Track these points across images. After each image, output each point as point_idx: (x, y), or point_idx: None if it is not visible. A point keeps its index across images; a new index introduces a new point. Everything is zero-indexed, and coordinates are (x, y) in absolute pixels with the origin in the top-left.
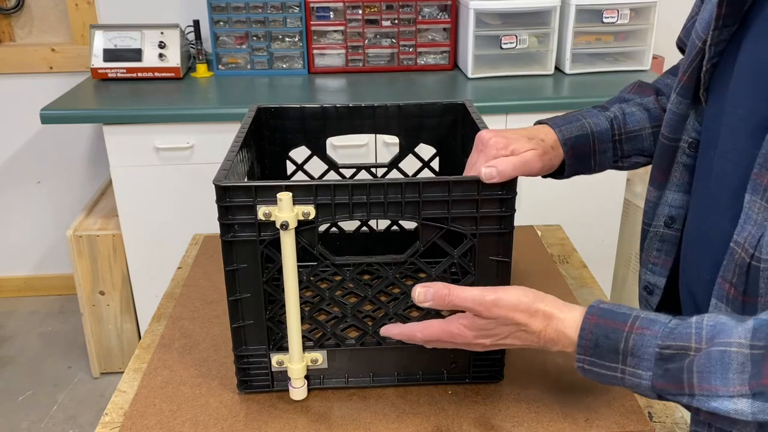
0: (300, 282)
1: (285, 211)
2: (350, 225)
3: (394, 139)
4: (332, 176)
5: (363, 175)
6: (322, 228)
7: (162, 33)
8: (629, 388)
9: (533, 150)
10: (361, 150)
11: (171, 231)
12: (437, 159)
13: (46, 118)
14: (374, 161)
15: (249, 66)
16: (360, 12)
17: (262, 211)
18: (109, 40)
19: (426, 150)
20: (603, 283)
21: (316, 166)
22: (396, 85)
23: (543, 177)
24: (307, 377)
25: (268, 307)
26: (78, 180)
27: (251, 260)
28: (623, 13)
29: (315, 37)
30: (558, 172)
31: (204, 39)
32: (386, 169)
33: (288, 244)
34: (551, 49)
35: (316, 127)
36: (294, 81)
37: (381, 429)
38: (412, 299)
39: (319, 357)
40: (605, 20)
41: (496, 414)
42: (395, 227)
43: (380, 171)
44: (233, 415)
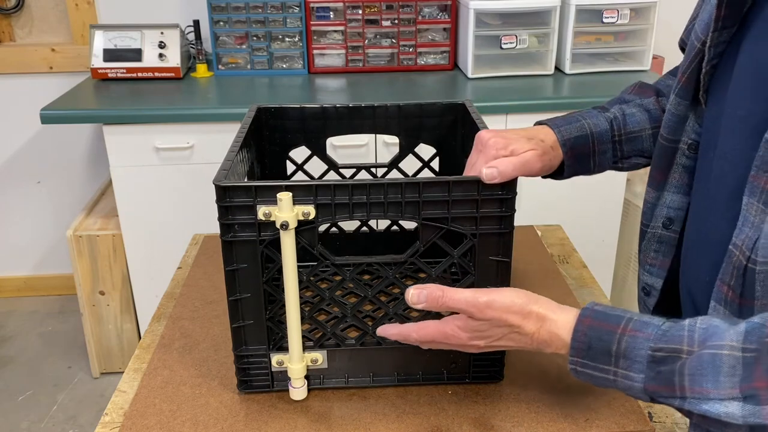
0: (300, 282)
1: (285, 211)
2: (350, 225)
3: (394, 139)
4: (332, 176)
5: (363, 175)
6: (322, 228)
7: (162, 33)
8: (622, 391)
9: (533, 150)
10: (361, 150)
11: (171, 231)
12: (437, 159)
13: (46, 118)
14: (374, 161)
15: (249, 66)
16: (360, 12)
17: (262, 211)
18: (109, 40)
19: (426, 150)
20: (603, 283)
21: (316, 166)
22: (396, 85)
23: (543, 177)
24: (307, 377)
25: (268, 307)
26: (78, 180)
27: (251, 260)
28: (623, 13)
29: (315, 37)
30: (557, 173)
31: (204, 39)
32: (386, 169)
33: (288, 244)
34: (551, 49)
35: (316, 127)
36: (294, 81)
37: (381, 429)
38: (406, 301)
39: (319, 357)
40: (605, 20)
41: (496, 414)
42: (395, 227)
43: (380, 171)
44: (233, 415)
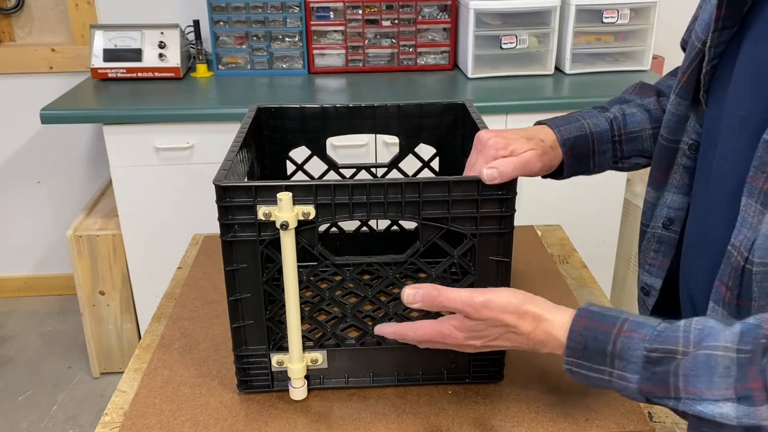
0: (300, 282)
1: (285, 211)
2: (350, 225)
3: (394, 139)
4: (332, 176)
5: (363, 175)
6: (322, 228)
7: (162, 33)
8: (617, 391)
9: (533, 150)
10: (361, 150)
11: (171, 231)
12: (437, 159)
13: (46, 118)
14: (374, 161)
15: (249, 66)
16: (360, 12)
17: (262, 211)
18: (109, 40)
19: (426, 150)
20: (603, 283)
21: (316, 166)
22: (396, 85)
23: (543, 177)
24: (307, 377)
25: (268, 307)
26: (78, 180)
27: (251, 260)
28: (623, 13)
29: (315, 37)
30: (557, 173)
31: (204, 39)
32: (386, 169)
33: (288, 244)
34: (551, 49)
35: (316, 127)
36: (294, 81)
37: (381, 429)
38: (402, 300)
39: (319, 357)
40: (605, 20)
41: (496, 414)
42: (395, 227)
43: (380, 171)
44: (233, 415)
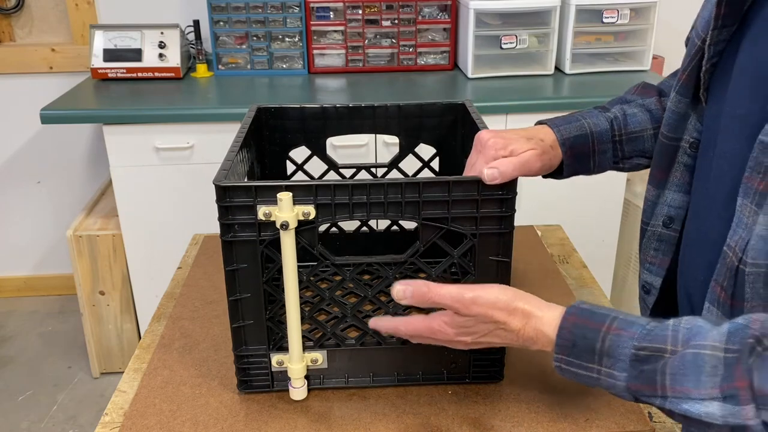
0: (300, 282)
1: (285, 211)
2: (350, 225)
3: (394, 139)
4: (332, 176)
5: (363, 175)
6: (322, 228)
7: (162, 33)
8: (605, 389)
9: (532, 150)
10: (361, 150)
11: (171, 231)
12: (437, 159)
13: (46, 118)
14: (374, 161)
15: (249, 66)
16: (360, 12)
17: (262, 211)
18: (109, 40)
19: (426, 150)
20: (603, 283)
21: (316, 166)
22: (396, 85)
23: (543, 177)
24: (307, 377)
25: (268, 307)
26: (78, 180)
27: (251, 260)
28: (623, 13)
29: (315, 37)
30: (557, 172)
31: (204, 39)
32: (386, 169)
33: (288, 244)
34: (551, 49)
35: (316, 127)
36: (294, 81)
37: (381, 429)
38: (392, 296)
39: (319, 357)
40: (605, 20)
41: (496, 414)
42: (395, 227)
43: (380, 171)
44: (233, 415)
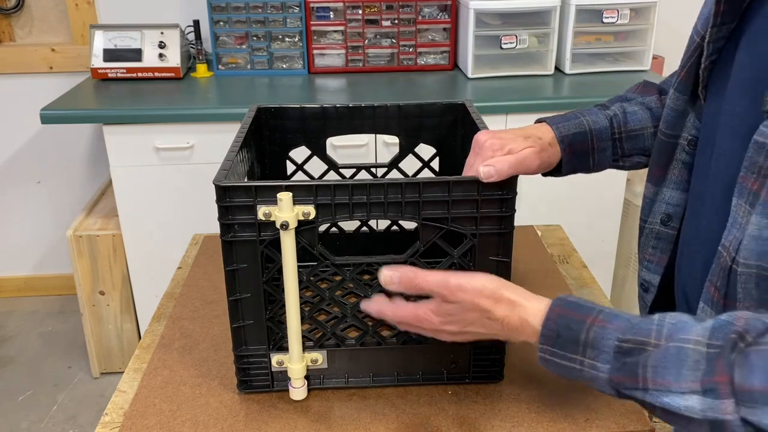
0: (300, 282)
1: (285, 211)
2: (350, 225)
3: (394, 139)
4: (332, 176)
5: (363, 175)
6: (322, 228)
7: (162, 33)
8: (588, 382)
9: (530, 148)
10: (361, 150)
11: (171, 231)
12: (437, 159)
13: (46, 118)
14: (374, 161)
15: (249, 66)
16: (360, 12)
17: (262, 211)
18: (109, 40)
19: (426, 150)
20: (603, 283)
21: (316, 166)
22: (396, 85)
23: (543, 175)
24: (307, 377)
25: (268, 307)
26: (78, 180)
27: (251, 260)
28: (623, 13)
29: (315, 37)
30: (557, 170)
31: (204, 39)
32: (386, 169)
33: (288, 244)
34: (551, 49)
35: (316, 127)
36: (294, 81)
37: (381, 429)
38: (380, 281)
39: (319, 357)
40: (605, 20)
41: (496, 414)
42: (395, 227)
43: (380, 171)
44: (233, 415)
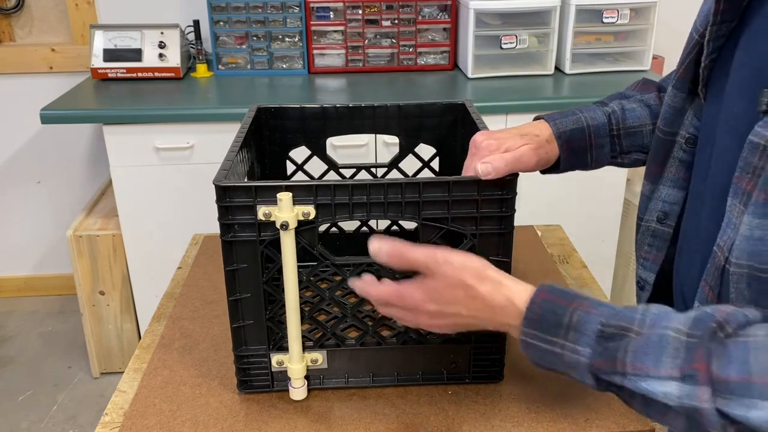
0: (300, 282)
1: (285, 211)
2: (350, 225)
3: (394, 139)
4: (332, 176)
5: (363, 175)
6: (322, 228)
7: (162, 33)
8: (568, 370)
9: (527, 145)
10: (361, 150)
11: (171, 231)
12: (437, 159)
13: (46, 118)
14: (374, 161)
15: (249, 66)
16: (360, 12)
17: (262, 211)
18: (109, 40)
19: (426, 150)
20: (603, 283)
21: (316, 166)
22: (396, 85)
23: (541, 173)
24: (307, 377)
25: (268, 307)
26: (78, 180)
27: (251, 260)
28: (623, 13)
29: (315, 37)
30: (555, 167)
31: (204, 39)
32: (386, 169)
33: (288, 244)
34: (551, 49)
35: (316, 127)
36: (294, 81)
37: (381, 429)
38: (369, 252)
39: (319, 357)
40: (605, 20)
41: (496, 414)
42: (395, 227)
43: (380, 171)
44: (233, 415)
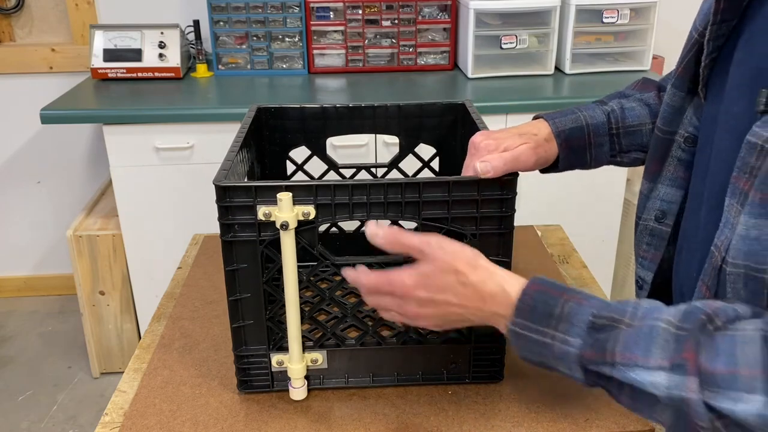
0: (300, 282)
1: (285, 211)
2: (350, 225)
3: (394, 139)
4: (332, 176)
5: (363, 175)
6: (322, 228)
7: (162, 33)
8: (556, 360)
9: (525, 144)
10: (361, 150)
11: (171, 231)
12: (437, 159)
13: (46, 118)
14: (374, 161)
15: (249, 66)
16: (360, 12)
17: (262, 212)
18: (109, 40)
19: (426, 150)
20: (603, 283)
21: (316, 166)
22: (396, 85)
23: (541, 172)
24: (307, 377)
25: (268, 307)
26: (78, 180)
27: (251, 260)
28: (623, 13)
29: (315, 37)
30: (554, 166)
31: (204, 39)
32: (386, 169)
33: (288, 244)
34: (551, 49)
35: (316, 127)
36: (294, 81)
37: (381, 429)
38: (366, 234)
39: (319, 357)
40: (605, 20)
41: (496, 414)
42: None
43: (380, 171)
44: (233, 415)
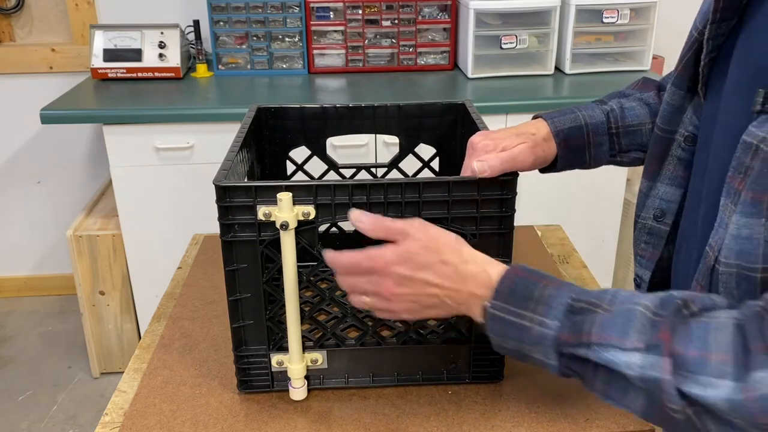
0: (300, 282)
1: (285, 211)
2: (350, 225)
3: (394, 139)
4: (332, 176)
5: (363, 175)
6: (322, 228)
7: (162, 33)
8: (532, 344)
9: (523, 144)
10: (361, 150)
11: (171, 231)
12: (437, 159)
13: (46, 118)
14: (374, 161)
15: (249, 66)
16: (360, 12)
17: (262, 212)
18: (109, 40)
19: (426, 150)
20: (603, 283)
21: (316, 166)
22: (396, 85)
23: (540, 172)
24: (307, 377)
25: (268, 307)
26: (78, 180)
27: (251, 260)
28: (623, 13)
29: (315, 37)
30: (554, 166)
31: (204, 39)
32: (386, 169)
33: (288, 244)
34: (551, 49)
35: (316, 127)
36: (294, 81)
37: (381, 429)
38: (349, 218)
39: (319, 357)
40: (605, 20)
41: (496, 414)
42: None
43: (380, 171)
44: (233, 415)
